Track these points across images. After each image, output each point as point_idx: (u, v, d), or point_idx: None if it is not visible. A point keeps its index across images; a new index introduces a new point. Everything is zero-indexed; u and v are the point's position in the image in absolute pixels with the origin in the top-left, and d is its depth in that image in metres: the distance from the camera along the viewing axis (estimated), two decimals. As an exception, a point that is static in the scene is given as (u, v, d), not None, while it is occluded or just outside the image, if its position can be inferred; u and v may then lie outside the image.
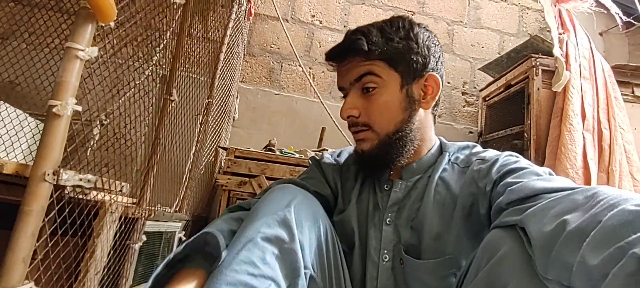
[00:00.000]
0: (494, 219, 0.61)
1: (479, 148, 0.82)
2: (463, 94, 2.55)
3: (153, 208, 1.32)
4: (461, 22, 2.63)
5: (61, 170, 0.77)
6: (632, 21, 2.35)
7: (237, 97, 2.35)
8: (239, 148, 1.88)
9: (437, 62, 0.77)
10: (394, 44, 0.72)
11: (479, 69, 2.45)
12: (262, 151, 1.95)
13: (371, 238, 0.76)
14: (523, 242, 0.49)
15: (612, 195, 0.43)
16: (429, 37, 0.77)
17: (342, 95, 0.79)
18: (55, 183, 0.76)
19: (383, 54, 0.72)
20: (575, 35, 1.93)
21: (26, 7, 2.39)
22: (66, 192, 0.83)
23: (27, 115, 1.72)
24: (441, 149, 0.82)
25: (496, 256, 0.51)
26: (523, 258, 0.48)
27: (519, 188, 0.58)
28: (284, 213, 0.61)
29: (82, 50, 0.81)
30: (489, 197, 0.67)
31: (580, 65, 1.84)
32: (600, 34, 2.59)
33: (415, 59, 0.73)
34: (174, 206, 1.59)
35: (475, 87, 2.54)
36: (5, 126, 1.62)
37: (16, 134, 1.57)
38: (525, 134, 1.90)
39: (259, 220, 0.60)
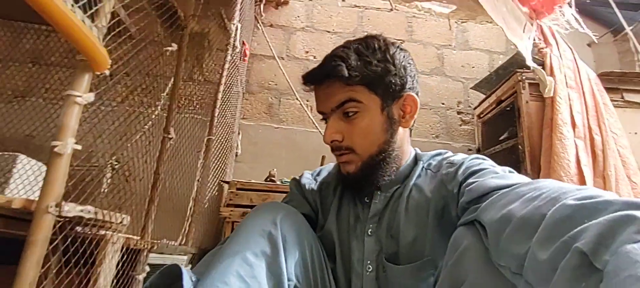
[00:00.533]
0: (460, 217, 0.64)
1: (449, 153, 0.84)
2: (458, 113, 2.61)
3: (156, 241, 1.38)
4: (450, 45, 2.73)
5: (63, 203, 0.85)
6: (619, 28, 2.40)
7: (239, 134, 2.46)
8: (240, 181, 1.95)
9: (413, 80, 0.79)
10: (372, 67, 0.74)
11: (471, 88, 2.52)
12: (263, 182, 2.02)
13: (354, 250, 0.77)
14: (481, 236, 0.53)
15: (552, 188, 0.47)
16: (404, 57, 0.79)
17: (322, 117, 0.81)
18: (57, 214, 0.84)
19: (363, 79, 0.72)
20: (558, 48, 1.99)
21: (43, 67, 2.59)
22: (68, 223, 0.91)
23: (42, 164, 1.84)
24: (416, 159, 0.85)
25: (458, 251, 0.55)
26: (481, 250, 0.52)
27: (476, 187, 0.62)
28: (270, 229, 0.65)
29: (80, 96, 0.91)
30: (457, 199, 0.71)
31: (565, 75, 1.89)
32: (589, 45, 2.64)
33: (393, 80, 0.75)
34: (179, 239, 1.65)
35: (469, 106, 2.59)
36: (22, 176, 1.73)
37: (29, 183, 1.68)
38: (519, 146, 1.92)
39: (246, 235, 0.64)
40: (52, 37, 2.39)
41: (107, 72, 0.98)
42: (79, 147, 0.91)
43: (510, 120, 2.00)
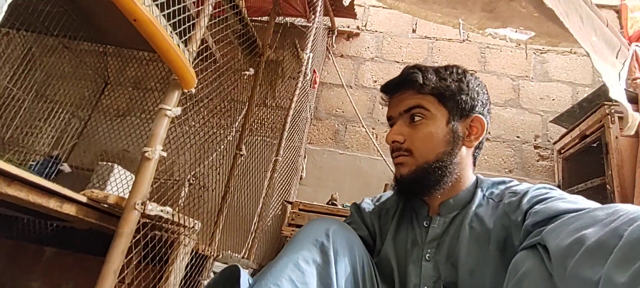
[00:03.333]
0: (522, 243, 0.61)
1: (514, 182, 0.79)
2: (535, 147, 2.42)
3: (222, 251, 1.48)
4: (527, 76, 2.58)
5: (147, 202, 0.97)
6: None
7: (304, 157, 2.55)
8: (303, 202, 2.01)
9: (484, 107, 0.81)
10: (447, 82, 0.78)
11: (550, 122, 2.33)
12: (325, 205, 2.06)
13: (410, 274, 0.76)
14: (543, 259, 0.50)
15: (632, 210, 0.44)
16: (479, 84, 0.81)
17: (390, 124, 0.84)
18: (142, 211, 0.96)
19: (435, 90, 0.76)
20: (657, 79, 1.79)
21: (142, 91, 2.97)
22: (149, 222, 1.03)
23: (134, 175, 2.08)
24: (477, 185, 0.82)
25: (517, 276, 0.53)
26: (542, 275, 0.49)
27: (543, 209, 0.59)
28: (322, 240, 0.67)
29: (170, 109, 1.05)
30: (521, 228, 0.67)
31: (665, 109, 1.68)
32: (697, 77, 2.31)
33: (464, 99, 0.77)
34: (242, 253, 1.74)
35: (549, 140, 2.40)
36: (117, 183, 1.98)
37: (122, 189, 1.92)
38: (607, 186, 1.73)
39: (300, 243, 0.67)
40: (151, 66, 2.74)
41: (193, 91, 1.12)
42: (164, 154, 1.04)
43: (596, 156, 1.81)
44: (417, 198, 0.82)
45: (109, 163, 2.06)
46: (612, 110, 1.76)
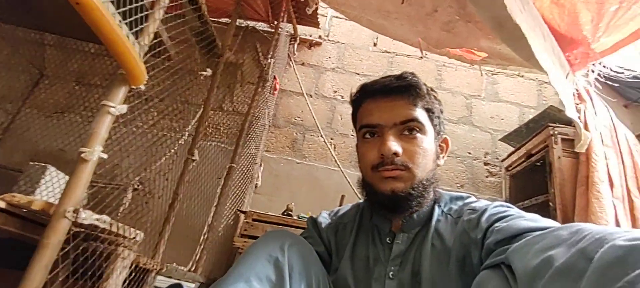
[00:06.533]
0: (484, 262, 0.60)
1: (472, 198, 0.79)
2: (485, 164, 2.53)
3: (166, 264, 1.36)
4: (479, 96, 2.71)
5: (80, 209, 0.86)
6: None
7: (260, 165, 2.47)
8: (257, 211, 1.93)
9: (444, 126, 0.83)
10: (433, 100, 0.77)
11: (499, 140, 2.45)
12: (280, 215, 1.99)
13: None
14: (507, 279, 0.49)
15: (596, 230, 0.43)
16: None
17: (368, 131, 0.76)
18: (74, 220, 0.84)
19: (427, 104, 0.75)
20: (593, 106, 1.92)
21: (85, 86, 2.74)
22: (82, 232, 0.91)
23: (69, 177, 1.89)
24: (435, 201, 0.80)
25: None
26: None
27: (506, 227, 0.58)
28: (277, 255, 0.63)
29: (114, 107, 0.94)
30: (481, 245, 0.66)
31: (601, 134, 1.81)
32: (625, 106, 2.56)
33: (441, 118, 0.78)
34: (189, 266, 1.62)
35: (497, 158, 2.52)
36: (49, 187, 1.79)
37: (54, 194, 1.73)
38: (550, 203, 1.83)
39: (253, 259, 0.62)
40: (97, 60, 2.54)
41: (142, 88, 1.02)
42: (105, 156, 0.93)
43: (541, 174, 1.92)
44: (392, 214, 0.77)
45: (42, 164, 1.86)
46: (556, 132, 1.87)
